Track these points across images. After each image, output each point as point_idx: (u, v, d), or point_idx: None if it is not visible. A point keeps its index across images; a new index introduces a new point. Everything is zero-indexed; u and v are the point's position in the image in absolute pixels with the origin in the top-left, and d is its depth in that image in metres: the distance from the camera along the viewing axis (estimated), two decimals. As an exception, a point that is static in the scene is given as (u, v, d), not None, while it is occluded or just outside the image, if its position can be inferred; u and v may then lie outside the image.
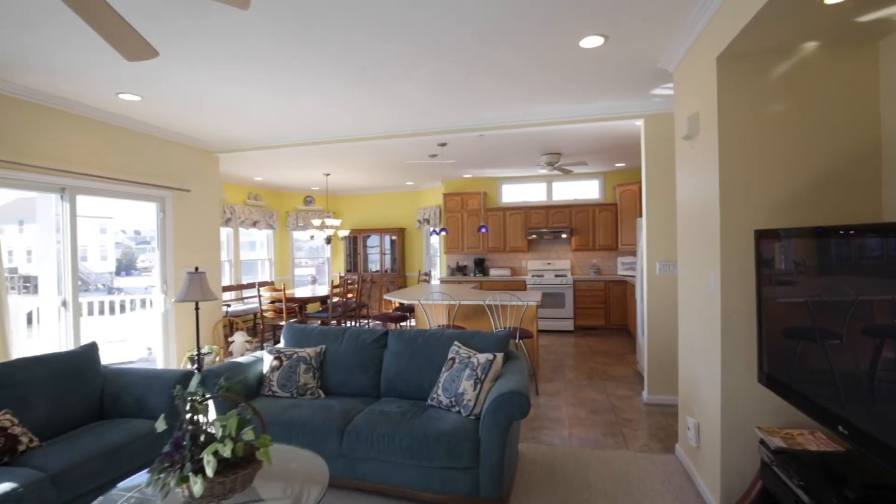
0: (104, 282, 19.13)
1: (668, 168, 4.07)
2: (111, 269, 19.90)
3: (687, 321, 2.96)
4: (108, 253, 21.24)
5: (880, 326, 1.59)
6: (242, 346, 5.27)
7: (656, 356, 4.13)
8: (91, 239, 19.72)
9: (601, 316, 7.40)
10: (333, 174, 7.69)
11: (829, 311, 1.81)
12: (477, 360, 2.83)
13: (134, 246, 20.83)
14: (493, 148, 5.86)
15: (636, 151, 6.08)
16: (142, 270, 19.07)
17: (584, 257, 8.06)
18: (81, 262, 16.61)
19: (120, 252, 20.80)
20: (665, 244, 4.10)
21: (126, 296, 7.80)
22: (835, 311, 1.78)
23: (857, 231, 1.69)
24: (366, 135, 4.89)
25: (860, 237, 1.68)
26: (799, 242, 1.97)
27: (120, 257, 20.76)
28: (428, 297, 4.85)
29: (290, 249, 9.68)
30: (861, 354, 1.64)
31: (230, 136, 5.11)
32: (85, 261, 18.98)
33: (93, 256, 20.06)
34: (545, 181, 8.28)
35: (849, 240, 1.72)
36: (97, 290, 17.25)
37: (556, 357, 5.92)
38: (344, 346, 3.43)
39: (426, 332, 3.34)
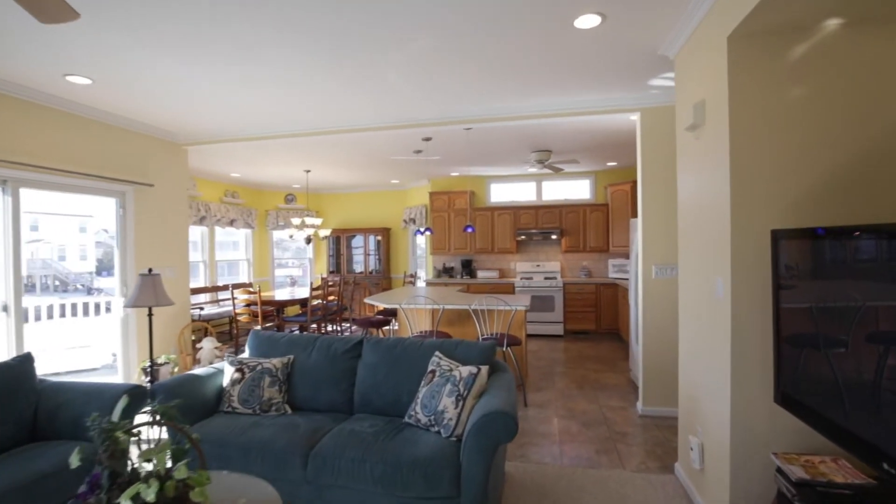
0: (83, 282, 18.50)
1: (666, 165, 3.83)
2: (91, 269, 19.26)
3: (689, 330, 2.70)
4: (89, 252, 20.55)
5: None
6: (211, 354, 4.92)
7: (652, 365, 3.89)
8: (70, 238, 19.06)
9: (592, 320, 7.17)
10: (314, 171, 7.36)
11: (866, 320, 1.55)
12: (459, 373, 2.55)
13: (115, 245, 20.25)
14: (480, 143, 5.59)
15: (629, 149, 5.87)
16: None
17: (575, 259, 7.83)
18: (60, 262, 15.86)
19: (101, 252, 20.17)
20: (662, 246, 3.86)
21: (103, 297, 7.39)
22: (870, 320, 1.53)
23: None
24: (344, 127, 4.58)
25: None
26: (827, 243, 1.71)
27: (101, 257, 20.13)
28: (410, 301, 4.55)
29: (269, 249, 9.30)
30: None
31: (198, 127, 4.76)
32: (63, 261, 18.32)
33: (72, 256, 19.41)
34: (535, 180, 8.04)
35: (885, 240, 1.47)
36: (76, 290, 16.64)
37: (546, 364, 5.67)
38: (314, 356, 3.12)
39: (405, 340, 3.04)
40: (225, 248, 8.89)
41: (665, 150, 3.84)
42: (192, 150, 5.53)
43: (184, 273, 5.18)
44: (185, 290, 5.19)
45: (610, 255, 7.66)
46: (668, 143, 3.83)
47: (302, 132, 4.74)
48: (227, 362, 3.08)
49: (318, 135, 4.69)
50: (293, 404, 3.01)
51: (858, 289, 1.58)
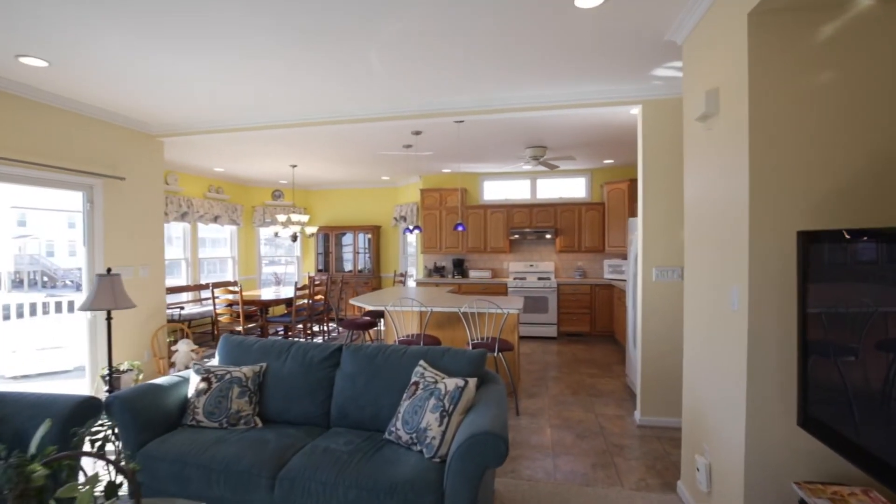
0: (73, 278, 18.10)
1: (669, 161, 3.62)
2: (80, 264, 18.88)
3: (696, 339, 2.48)
4: (78, 248, 20.16)
5: None
6: (187, 357, 4.65)
7: (651, 373, 3.67)
8: (59, 233, 18.63)
9: (586, 322, 6.96)
10: (301, 166, 7.08)
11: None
12: (444, 386, 2.31)
13: (83, 243, 19.91)
14: (472, 138, 5.35)
15: (627, 146, 5.65)
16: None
17: (570, 259, 7.62)
18: (48, 258, 15.47)
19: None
20: (663, 247, 3.64)
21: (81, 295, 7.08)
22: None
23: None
24: (327, 118, 4.32)
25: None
26: (867, 247, 1.49)
27: (90, 253, 19.70)
28: (397, 303, 4.31)
29: (256, 247, 9.01)
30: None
31: (173, 117, 4.48)
32: (52, 256, 17.91)
33: (60, 252, 19.00)
34: (529, 178, 7.81)
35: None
36: (65, 286, 16.27)
37: (539, 368, 5.45)
38: (289, 364, 2.87)
39: (386, 348, 2.80)
40: (213, 244, 8.59)
41: (668, 145, 3.62)
42: (169, 143, 5.24)
43: (159, 272, 4.89)
44: (160, 290, 4.91)
45: (606, 255, 7.45)
46: (671, 137, 3.61)
47: (282, 124, 4.47)
48: (192, 370, 2.82)
49: (300, 126, 4.42)
50: (265, 416, 2.77)
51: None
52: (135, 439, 2.44)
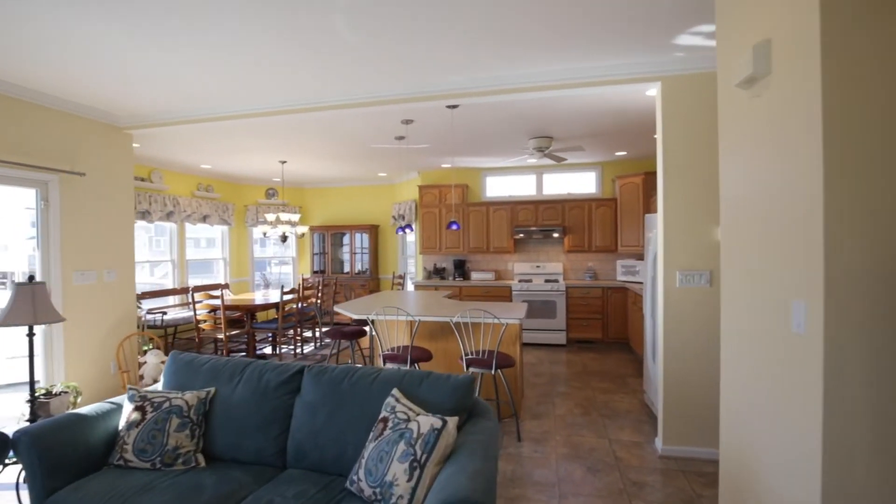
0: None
1: (695, 147, 3.09)
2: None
3: (738, 364, 1.97)
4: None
5: None
6: (157, 370, 4.23)
7: (675, 393, 3.16)
8: (15, 234, 18.45)
9: (598, 328, 6.43)
10: (290, 162, 6.65)
11: None
12: (417, 426, 1.83)
13: (36, 246, 19.82)
14: (469, 128, 4.85)
15: (642, 135, 5.12)
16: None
17: (579, 260, 7.09)
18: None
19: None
20: (688, 248, 3.12)
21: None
22: None
23: None
24: (306, 104, 3.86)
25: None
26: None
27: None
28: (381, 312, 3.83)
29: (248, 248, 8.61)
30: None
31: (140, 107, 4.05)
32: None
33: (17, 254, 18.85)
34: (534, 173, 7.29)
35: None
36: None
37: (546, 380, 4.94)
38: (241, 389, 2.41)
39: (355, 371, 2.33)
40: (210, 245, 8.20)
41: (693, 128, 3.10)
42: (141, 136, 4.84)
43: (128, 275, 4.48)
44: (129, 295, 4.50)
45: (618, 255, 6.91)
46: (697, 119, 3.09)
47: (257, 112, 4.02)
48: (126, 397, 2.38)
49: (277, 115, 3.97)
50: (211, 453, 2.31)
51: None
52: (42, 486, 2.00)
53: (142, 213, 6.40)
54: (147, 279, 7.52)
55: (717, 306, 3.05)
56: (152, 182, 6.63)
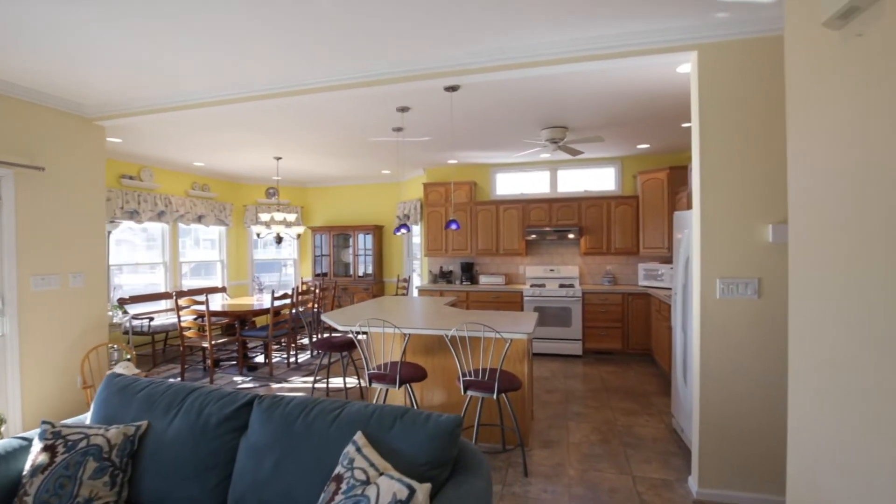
0: None
1: (739, 129, 2.56)
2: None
3: (817, 399, 1.44)
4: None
5: None
6: (125, 384, 3.84)
7: (714, 425, 2.61)
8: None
9: (617, 337, 5.86)
10: (286, 159, 6.24)
11: None
12: (376, 493, 1.35)
13: None
14: (474, 117, 4.36)
15: (668, 124, 4.55)
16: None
17: (597, 263, 6.53)
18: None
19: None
20: (732, 251, 2.58)
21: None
22: None
23: None
24: (287, 87, 3.41)
25: None
26: None
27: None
28: (369, 322, 3.37)
29: (248, 249, 8.25)
30: None
31: (110, 96, 3.66)
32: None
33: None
34: (548, 168, 6.76)
35: None
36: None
37: (559, 398, 4.41)
38: (178, 423, 1.96)
39: (312, 406, 1.86)
40: (213, 246, 7.86)
41: (738, 107, 2.56)
42: (127, 131, 4.48)
43: (98, 280, 4.10)
44: (99, 301, 4.12)
45: (640, 258, 6.34)
46: (743, 96, 2.55)
47: (239, 97, 3.59)
48: (36, 434, 1.95)
49: (260, 99, 3.53)
50: (138, 503, 1.87)
51: None
52: None
53: (129, 213, 6.06)
54: (149, 280, 7.23)
55: (768, 321, 2.50)
56: (142, 180, 6.29)
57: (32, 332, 3.57)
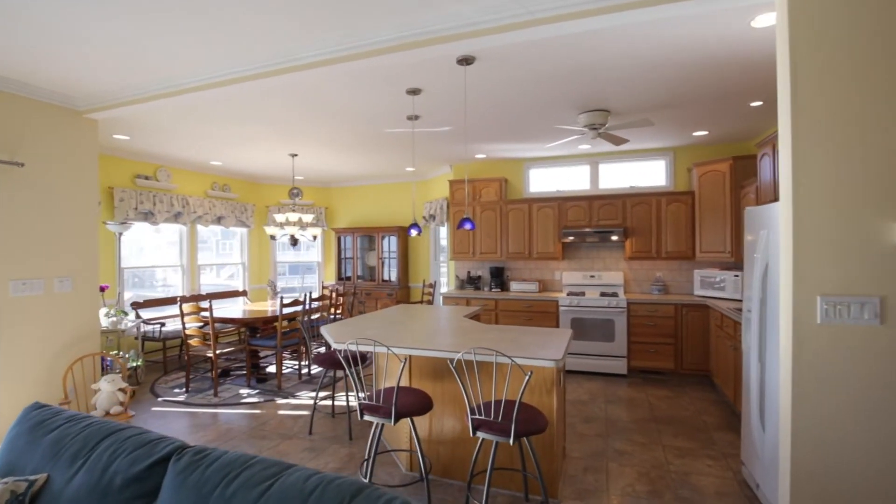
0: None
1: (849, 92, 1.84)
2: None
3: None
4: None
5: None
6: (111, 401, 3.52)
7: (811, 492, 1.90)
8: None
9: (668, 355, 5.07)
10: (303, 155, 5.87)
11: None
12: None
13: None
14: (496, 98, 3.77)
15: (734, 101, 3.76)
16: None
17: (644, 269, 5.75)
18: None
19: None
20: (840, 258, 1.86)
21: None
22: None
23: None
24: (273, 65, 2.96)
25: None
26: None
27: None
28: (357, 340, 2.85)
29: (270, 252, 7.99)
30: None
31: (99, 86, 3.35)
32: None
33: None
34: (588, 162, 6.04)
35: None
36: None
37: (599, 429, 3.73)
38: (79, 480, 1.50)
39: (240, 471, 1.34)
40: (236, 248, 7.66)
41: (847, 61, 1.85)
42: (133, 128, 4.21)
43: (89, 284, 3.81)
44: (90, 308, 3.83)
45: (696, 263, 5.51)
46: (853, 44, 1.83)
47: (232, 77, 3.16)
48: None
49: (250, 79, 3.09)
50: (17, 591, 1.41)
51: None
52: None
53: (144, 214, 5.87)
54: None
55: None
56: (158, 181, 6.10)
57: (10, 342, 3.30)
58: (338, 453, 3.39)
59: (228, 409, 4.34)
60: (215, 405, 4.43)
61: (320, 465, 3.19)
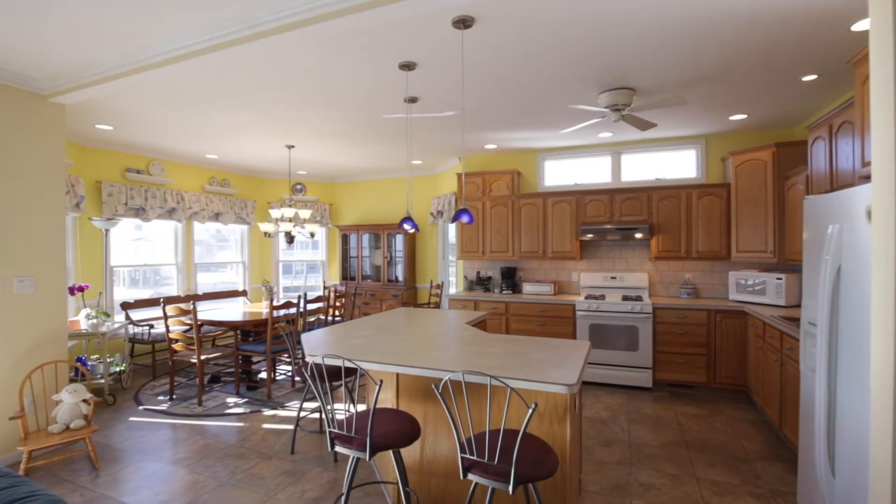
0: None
1: None
2: None
3: None
4: None
5: None
6: (72, 414, 3.17)
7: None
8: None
9: (700, 367, 4.52)
10: (299, 147, 5.49)
11: None
12: None
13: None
14: (501, 70, 3.29)
15: (782, 76, 3.18)
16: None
17: (672, 270, 5.20)
18: None
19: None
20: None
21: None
22: None
23: None
24: (241, 32, 2.54)
25: None
26: None
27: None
28: (362, 346, 2.41)
29: (273, 250, 7.65)
30: None
31: (64, 62, 3.00)
32: None
33: None
34: (609, 152, 5.51)
35: None
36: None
37: (620, 455, 3.22)
38: None
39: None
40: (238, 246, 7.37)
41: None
42: (118, 115, 3.87)
43: (55, 284, 3.48)
44: (56, 310, 3.49)
45: (731, 264, 4.94)
46: None
47: (198, 48, 2.77)
48: None
49: (214, 50, 2.69)
50: None
51: None
52: None
53: (135, 210, 5.57)
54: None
55: None
56: (151, 175, 5.80)
57: (-39, 348, 2.97)
58: (319, 479, 2.97)
59: (211, 420, 3.97)
60: (198, 416, 4.07)
61: (296, 494, 2.78)
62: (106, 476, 3.04)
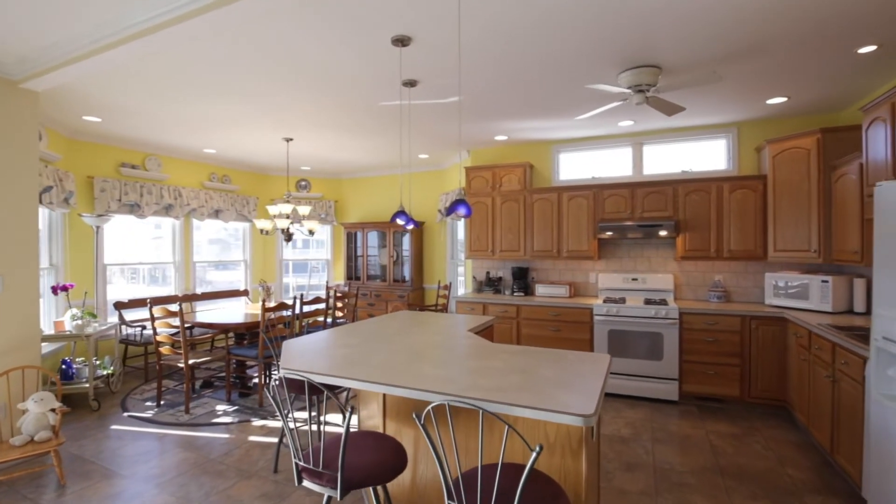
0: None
1: None
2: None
3: None
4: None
5: None
6: (39, 425, 2.91)
7: None
8: None
9: (733, 379, 4.07)
10: (298, 140, 5.19)
11: None
12: None
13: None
14: (508, 45, 2.92)
15: (833, 49, 2.73)
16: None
17: (700, 271, 4.74)
18: None
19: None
20: None
21: None
22: None
23: None
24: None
25: None
26: None
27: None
28: (347, 355, 2.08)
29: (277, 248, 7.40)
30: None
31: (22, 42, 2.74)
32: None
33: None
34: (630, 143, 5.08)
35: None
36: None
37: (643, 483, 2.82)
38: None
39: None
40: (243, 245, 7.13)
41: None
42: (104, 105, 3.62)
43: (26, 284, 3.23)
44: (28, 311, 3.24)
45: (767, 264, 4.48)
46: None
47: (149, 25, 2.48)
48: None
49: (186, 19, 2.39)
50: None
51: None
52: None
53: (130, 207, 5.35)
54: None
55: None
56: (147, 170, 5.58)
57: (-83, 353, 2.73)
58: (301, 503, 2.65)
59: (195, 430, 3.69)
60: (183, 425, 3.80)
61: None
62: (71, 494, 2.76)
